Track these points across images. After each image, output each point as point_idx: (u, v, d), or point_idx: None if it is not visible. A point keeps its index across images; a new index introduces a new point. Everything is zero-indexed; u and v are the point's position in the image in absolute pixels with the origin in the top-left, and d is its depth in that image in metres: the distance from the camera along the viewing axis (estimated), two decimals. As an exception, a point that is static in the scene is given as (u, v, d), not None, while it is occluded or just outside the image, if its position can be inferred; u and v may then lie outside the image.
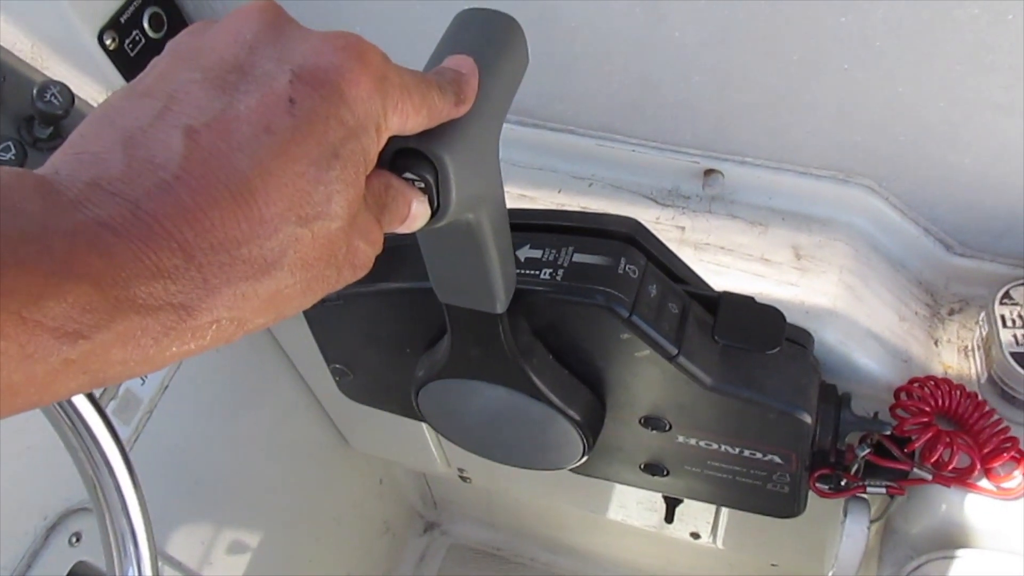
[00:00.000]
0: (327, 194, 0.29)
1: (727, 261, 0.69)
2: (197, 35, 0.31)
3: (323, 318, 0.70)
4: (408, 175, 0.36)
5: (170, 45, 0.31)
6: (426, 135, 0.35)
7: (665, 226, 0.72)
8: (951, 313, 0.73)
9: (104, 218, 0.25)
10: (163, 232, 0.25)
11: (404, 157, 0.36)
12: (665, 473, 0.69)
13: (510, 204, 0.46)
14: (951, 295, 0.74)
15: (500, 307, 0.51)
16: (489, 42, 0.40)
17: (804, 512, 0.68)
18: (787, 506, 0.68)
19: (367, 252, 0.33)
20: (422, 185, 0.36)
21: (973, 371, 0.69)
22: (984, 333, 0.67)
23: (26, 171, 0.25)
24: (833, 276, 0.68)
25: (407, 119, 0.33)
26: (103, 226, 0.25)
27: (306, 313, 0.68)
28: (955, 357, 0.70)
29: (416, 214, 0.36)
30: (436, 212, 0.37)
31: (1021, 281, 0.67)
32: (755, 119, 0.68)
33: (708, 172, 0.73)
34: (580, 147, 0.74)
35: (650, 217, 0.72)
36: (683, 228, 0.72)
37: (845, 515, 0.68)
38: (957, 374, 0.69)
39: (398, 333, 0.66)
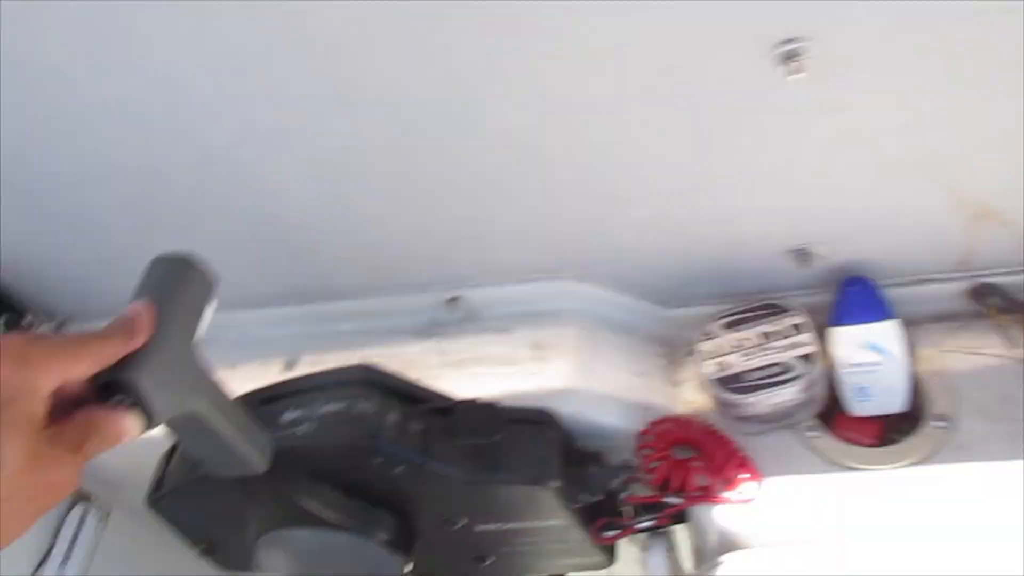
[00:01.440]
0: None
1: (481, 370, 0.81)
2: None
3: (166, 510, 0.75)
4: (118, 398, 0.46)
5: None
6: (119, 365, 0.45)
7: (429, 354, 0.84)
8: (688, 355, 0.86)
9: None
10: None
11: (109, 385, 0.45)
12: (492, 560, 0.77)
13: (282, 375, 0.55)
14: (683, 340, 0.86)
15: (260, 468, 0.60)
16: (164, 279, 0.51)
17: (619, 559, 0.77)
18: (597, 560, 0.77)
19: (62, 477, 0.40)
20: (132, 402, 0.46)
21: (710, 402, 0.81)
22: (701, 368, 0.79)
23: None
24: (569, 358, 0.80)
25: (67, 371, 0.42)
26: None
27: (152, 508, 0.75)
28: (694, 393, 0.82)
29: (129, 429, 0.44)
30: (151, 419, 0.47)
31: (717, 315, 0.80)
32: (469, 249, 0.81)
33: (451, 300, 0.86)
34: (336, 310, 0.86)
35: (415, 350, 0.84)
36: (444, 352, 0.84)
37: (647, 551, 0.78)
38: (700, 407, 0.81)
39: (227, 505, 0.73)
